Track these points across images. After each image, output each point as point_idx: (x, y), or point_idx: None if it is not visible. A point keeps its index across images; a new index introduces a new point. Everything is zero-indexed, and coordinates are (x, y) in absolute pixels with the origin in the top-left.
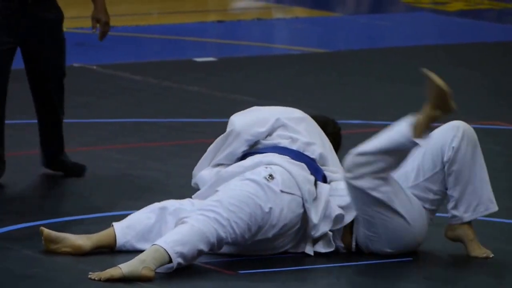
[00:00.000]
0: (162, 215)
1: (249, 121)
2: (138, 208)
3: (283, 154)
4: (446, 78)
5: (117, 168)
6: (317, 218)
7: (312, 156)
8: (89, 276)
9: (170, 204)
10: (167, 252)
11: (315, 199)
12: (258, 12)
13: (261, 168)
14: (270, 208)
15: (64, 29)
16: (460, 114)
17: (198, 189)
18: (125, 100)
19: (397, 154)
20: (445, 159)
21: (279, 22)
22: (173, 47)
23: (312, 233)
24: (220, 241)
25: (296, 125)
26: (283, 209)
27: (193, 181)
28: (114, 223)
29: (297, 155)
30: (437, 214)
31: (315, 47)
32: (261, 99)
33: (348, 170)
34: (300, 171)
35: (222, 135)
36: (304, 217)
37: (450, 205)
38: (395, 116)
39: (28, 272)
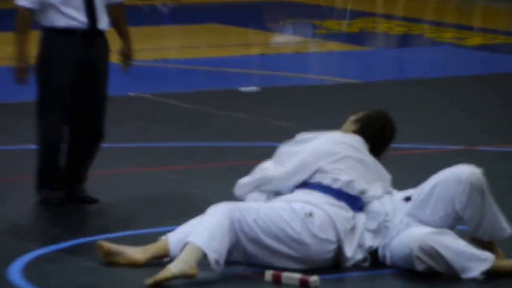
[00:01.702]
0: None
1: (290, 169)
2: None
3: (326, 194)
4: (469, 105)
5: (168, 187)
6: (351, 252)
7: (352, 193)
8: (147, 282)
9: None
10: (201, 248)
11: (352, 229)
12: (296, 46)
13: (303, 204)
14: (301, 241)
15: (118, 61)
16: (482, 137)
17: (239, 198)
18: (176, 126)
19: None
20: (456, 208)
21: (315, 55)
22: (219, 78)
23: (346, 263)
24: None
25: (337, 166)
26: (311, 254)
27: (238, 192)
28: (169, 235)
29: (338, 194)
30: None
31: (349, 78)
32: (301, 124)
33: None
34: (340, 211)
35: (266, 176)
36: (338, 251)
37: (469, 230)
38: (422, 142)
39: (88, 282)
